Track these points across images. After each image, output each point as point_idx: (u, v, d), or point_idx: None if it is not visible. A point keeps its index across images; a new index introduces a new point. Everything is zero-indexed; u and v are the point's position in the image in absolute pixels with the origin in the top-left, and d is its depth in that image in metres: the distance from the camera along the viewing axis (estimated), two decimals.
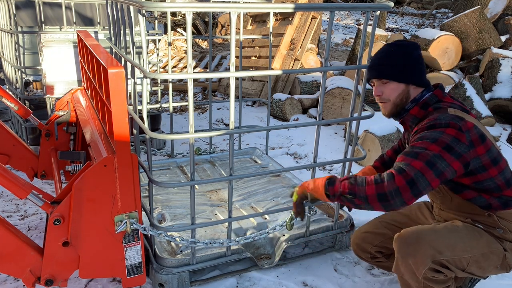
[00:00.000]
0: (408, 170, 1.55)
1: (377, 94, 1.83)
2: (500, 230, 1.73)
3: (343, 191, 1.64)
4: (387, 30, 10.87)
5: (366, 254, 2.11)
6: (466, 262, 1.69)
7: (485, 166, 1.67)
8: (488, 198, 1.72)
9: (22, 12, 3.90)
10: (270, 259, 2.30)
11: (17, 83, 3.52)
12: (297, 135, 4.53)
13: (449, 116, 1.65)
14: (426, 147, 1.59)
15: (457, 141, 1.59)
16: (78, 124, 2.52)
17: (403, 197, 1.53)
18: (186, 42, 1.77)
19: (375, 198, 1.56)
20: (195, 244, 2.01)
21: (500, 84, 4.56)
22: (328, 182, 1.71)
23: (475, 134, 1.64)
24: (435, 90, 1.80)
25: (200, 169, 3.31)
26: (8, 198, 3.03)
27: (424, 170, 1.55)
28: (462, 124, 1.62)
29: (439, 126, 1.63)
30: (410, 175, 1.53)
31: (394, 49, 1.79)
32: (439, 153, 1.57)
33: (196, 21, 9.38)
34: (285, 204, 2.71)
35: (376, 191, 1.56)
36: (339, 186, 1.66)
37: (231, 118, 1.90)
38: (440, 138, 1.59)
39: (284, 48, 5.55)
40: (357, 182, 1.62)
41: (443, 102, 1.76)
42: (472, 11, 5.09)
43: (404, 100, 1.81)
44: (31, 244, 1.71)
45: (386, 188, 1.54)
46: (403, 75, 1.78)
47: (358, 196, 1.60)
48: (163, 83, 4.48)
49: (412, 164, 1.56)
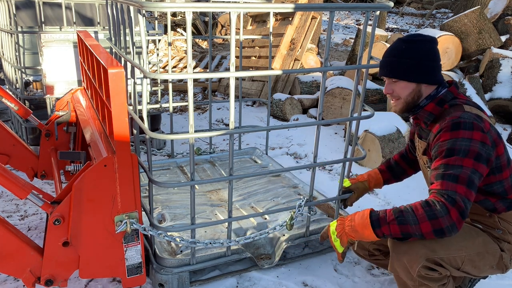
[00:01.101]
0: (458, 200, 1.52)
1: (388, 92, 1.81)
2: (499, 231, 1.73)
3: (395, 234, 1.61)
4: (387, 30, 10.88)
5: (364, 252, 2.11)
6: (460, 260, 1.69)
7: (502, 167, 1.67)
8: (495, 202, 1.72)
9: (22, 12, 3.90)
10: (270, 259, 2.30)
11: (17, 83, 3.52)
12: (297, 135, 4.53)
13: (471, 115, 1.63)
14: (461, 164, 1.56)
15: (483, 144, 1.59)
16: (78, 124, 2.52)
17: (458, 228, 1.54)
18: (186, 42, 1.77)
19: (432, 234, 1.55)
20: (195, 244, 2.01)
21: (500, 84, 4.56)
22: (373, 225, 1.64)
23: (494, 133, 1.64)
24: (450, 87, 1.78)
25: (200, 169, 3.31)
26: (8, 198, 3.03)
27: (468, 194, 1.54)
28: (483, 125, 1.61)
29: (464, 127, 1.60)
30: (462, 206, 1.52)
31: (405, 46, 1.73)
32: (473, 167, 1.56)
33: (196, 21, 9.38)
34: (285, 204, 2.71)
35: (433, 227, 1.54)
36: (388, 229, 1.61)
37: (231, 118, 1.90)
38: (470, 149, 1.57)
39: (284, 48, 5.55)
40: (408, 220, 1.57)
41: (459, 99, 1.74)
42: (472, 11, 5.09)
43: (416, 98, 1.78)
44: (31, 244, 1.71)
45: (443, 224, 1.52)
46: (413, 74, 1.73)
47: (414, 235, 1.58)
48: (163, 83, 4.48)
49: (458, 191, 1.53)
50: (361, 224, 1.68)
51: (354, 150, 2.33)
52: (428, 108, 1.77)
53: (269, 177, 3.15)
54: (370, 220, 1.65)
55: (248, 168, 3.35)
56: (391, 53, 1.77)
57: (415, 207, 1.58)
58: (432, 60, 1.74)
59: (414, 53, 1.72)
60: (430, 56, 1.74)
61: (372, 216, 1.66)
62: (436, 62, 1.75)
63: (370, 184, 2.22)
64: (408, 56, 1.72)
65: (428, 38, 1.74)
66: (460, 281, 1.99)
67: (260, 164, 3.45)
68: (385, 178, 2.22)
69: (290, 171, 3.18)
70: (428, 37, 1.75)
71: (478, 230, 1.75)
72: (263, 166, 3.39)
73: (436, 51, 1.76)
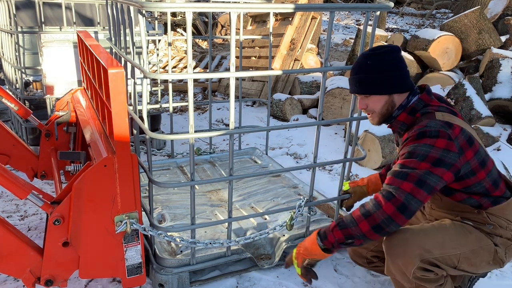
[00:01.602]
0: (398, 194, 1.57)
1: (362, 108, 1.83)
2: (490, 226, 1.74)
3: (339, 239, 1.67)
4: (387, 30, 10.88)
5: (362, 260, 2.11)
6: (456, 259, 1.69)
7: (474, 170, 1.68)
8: (478, 199, 1.73)
9: (22, 12, 3.90)
10: (270, 259, 2.30)
11: (17, 83, 3.52)
12: (297, 135, 4.53)
13: (439, 123, 1.64)
14: (415, 166, 1.59)
15: (447, 151, 1.60)
16: (78, 124, 2.52)
17: (397, 222, 1.58)
18: (186, 42, 1.77)
19: (372, 232, 1.60)
20: (195, 245, 2.01)
21: (500, 84, 4.56)
22: (319, 238, 1.73)
23: (463, 139, 1.64)
24: (421, 94, 1.78)
25: (200, 169, 3.31)
26: (8, 198, 3.03)
27: (414, 192, 1.57)
28: (450, 132, 1.62)
29: (429, 135, 1.62)
30: (400, 200, 1.56)
31: (369, 61, 1.73)
32: (429, 170, 1.58)
33: (196, 21, 9.38)
34: (285, 204, 2.71)
35: (370, 225, 1.59)
36: (333, 237, 1.68)
37: (231, 118, 1.90)
38: (429, 154, 1.59)
39: (284, 48, 5.55)
40: (348, 224, 1.65)
41: (431, 106, 1.74)
42: (472, 11, 5.09)
43: (390, 109, 1.79)
44: (31, 244, 1.71)
45: (378, 219, 1.58)
46: (382, 87, 1.75)
47: (357, 237, 1.63)
48: (163, 83, 4.48)
49: (401, 187, 1.58)
50: (310, 241, 1.77)
51: (354, 150, 2.33)
52: (400, 118, 1.79)
53: (269, 177, 3.15)
54: (318, 235, 1.74)
55: (248, 168, 3.35)
56: (358, 70, 1.78)
57: (353, 212, 1.67)
58: (398, 69, 1.74)
59: (379, 66, 1.72)
60: (396, 65, 1.74)
61: (320, 231, 1.75)
62: (403, 70, 1.76)
63: (368, 189, 2.22)
64: (375, 70, 1.73)
65: (390, 48, 1.75)
66: (460, 281, 2.00)
67: (260, 164, 3.45)
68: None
69: (290, 171, 3.18)
70: (389, 46, 1.76)
71: (469, 227, 1.76)
72: (263, 166, 3.39)
73: (401, 59, 1.76)
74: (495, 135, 4.03)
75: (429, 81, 5.01)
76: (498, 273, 2.35)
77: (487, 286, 2.22)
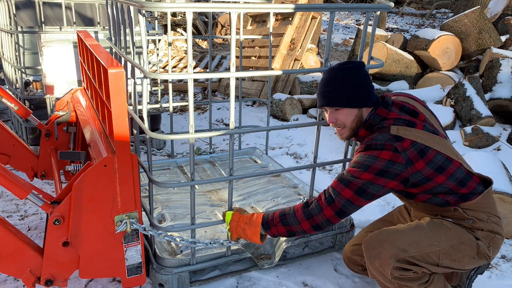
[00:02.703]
0: (337, 200, 1.70)
1: (332, 121, 1.84)
2: (469, 221, 1.75)
3: (282, 233, 1.84)
4: (387, 30, 10.88)
5: (357, 267, 2.13)
6: (435, 256, 1.70)
7: (429, 176, 1.70)
8: (443, 196, 1.74)
9: (22, 12, 3.90)
10: (270, 259, 2.30)
11: (17, 83, 3.52)
12: (297, 135, 4.53)
13: (386, 136, 1.67)
14: (358, 176, 1.67)
15: (392, 163, 1.64)
16: (78, 124, 2.52)
17: (333, 222, 1.75)
18: (186, 42, 1.77)
19: (312, 230, 1.78)
20: (195, 244, 2.01)
21: (500, 84, 4.56)
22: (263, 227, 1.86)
23: (412, 151, 1.66)
24: (377, 109, 1.79)
25: (200, 169, 3.31)
26: (8, 198, 3.03)
27: (353, 199, 1.69)
28: (397, 145, 1.65)
29: (375, 147, 1.67)
30: (338, 206, 1.70)
31: (342, 75, 1.77)
32: (371, 180, 1.66)
33: (196, 21, 9.37)
34: (285, 204, 2.71)
35: (311, 224, 1.76)
36: (276, 230, 1.84)
37: (231, 118, 1.90)
38: (372, 165, 1.65)
39: (284, 48, 5.55)
40: (291, 222, 1.80)
41: (387, 120, 1.76)
42: (472, 11, 5.09)
43: (359, 123, 1.83)
44: (31, 244, 1.71)
45: (318, 220, 1.74)
46: (353, 100, 1.78)
47: (298, 233, 1.82)
48: (163, 83, 4.48)
49: (342, 193, 1.69)
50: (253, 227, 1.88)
51: (354, 150, 2.33)
52: (361, 134, 1.84)
53: (269, 177, 3.15)
54: (262, 221, 1.86)
55: (248, 168, 3.35)
56: (330, 83, 1.80)
57: (296, 210, 1.81)
58: (367, 85, 1.80)
59: (351, 80, 1.77)
60: (365, 81, 1.79)
61: (263, 219, 1.87)
62: (369, 86, 1.81)
63: None
64: (346, 84, 1.77)
65: (357, 64, 1.80)
66: (458, 280, 2.00)
67: (260, 164, 3.45)
68: None
69: (290, 171, 3.18)
70: (356, 62, 1.81)
71: (449, 223, 1.77)
72: (263, 166, 3.39)
73: (368, 74, 1.82)
74: (495, 135, 4.03)
75: (429, 81, 5.01)
76: (498, 273, 2.35)
77: (487, 286, 2.22)
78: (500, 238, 1.77)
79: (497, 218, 1.77)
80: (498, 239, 1.76)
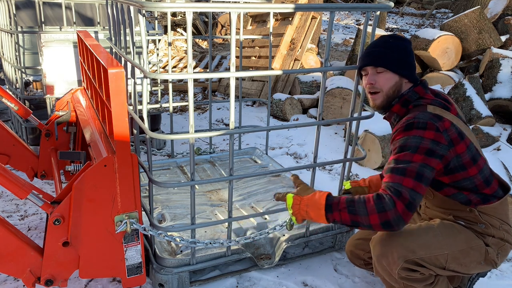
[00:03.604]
0: (404, 192, 1.54)
1: (370, 82, 1.80)
2: (481, 225, 1.73)
3: (345, 221, 1.62)
4: (387, 30, 10.87)
5: (360, 261, 2.11)
6: (443, 259, 1.68)
7: (465, 165, 1.67)
8: (468, 194, 1.72)
9: (22, 12, 3.90)
10: (270, 259, 2.30)
11: (17, 83, 3.52)
12: (297, 135, 4.53)
13: (427, 115, 1.64)
14: (409, 159, 1.58)
15: (436, 143, 1.60)
16: (78, 124, 2.52)
17: (405, 220, 1.54)
18: (186, 42, 1.77)
19: (380, 227, 1.56)
20: (195, 244, 2.01)
21: (500, 84, 4.56)
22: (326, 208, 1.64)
23: (453, 132, 1.64)
24: (415, 87, 1.78)
25: (200, 169, 3.31)
26: (8, 198, 3.03)
27: (416, 187, 1.55)
28: (439, 125, 1.61)
29: (417, 126, 1.61)
30: (407, 198, 1.53)
31: (392, 40, 1.79)
32: (423, 162, 1.57)
33: (196, 21, 9.37)
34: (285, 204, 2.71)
35: (380, 220, 1.55)
36: (338, 215, 1.62)
37: (231, 118, 1.90)
38: (420, 145, 1.59)
39: (284, 48, 5.55)
40: (358, 211, 1.58)
41: (424, 99, 1.74)
42: (472, 11, 5.09)
43: (396, 93, 1.78)
44: (31, 244, 1.71)
45: (390, 217, 1.53)
46: (399, 66, 1.76)
47: (362, 225, 1.59)
48: (163, 83, 4.48)
49: (404, 183, 1.55)
50: (316, 209, 1.67)
51: (354, 150, 2.33)
52: (394, 109, 1.80)
53: (269, 177, 3.15)
54: (325, 203, 1.65)
55: (248, 168, 3.35)
56: (377, 44, 1.80)
57: (367, 199, 1.59)
58: (413, 58, 1.82)
59: (400, 47, 1.78)
60: (412, 54, 1.81)
61: (328, 200, 1.65)
62: (415, 62, 1.82)
63: (370, 191, 2.21)
64: (395, 49, 1.77)
65: (406, 38, 1.83)
66: (459, 281, 1.99)
67: (260, 164, 3.45)
68: None
69: (290, 171, 3.18)
70: (405, 38, 1.83)
71: (460, 227, 1.75)
72: (263, 166, 3.39)
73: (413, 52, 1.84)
74: (495, 135, 4.03)
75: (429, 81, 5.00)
76: (498, 273, 2.35)
77: (487, 286, 2.22)
78: (509, 247, 1.75)
79: (509, 226, 1.75)
80: (507, 247, 1.74)
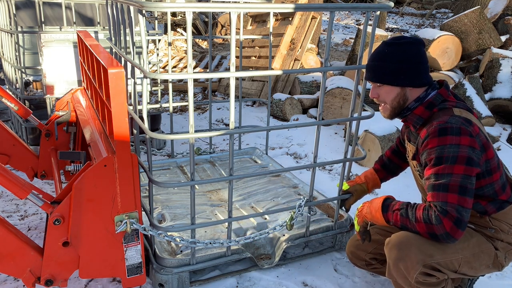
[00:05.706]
0: (450, 210, 1.54)
1: (374, 96, 1.80)
2: (491, 230, 1.73)
3: (395, 222, 1.71)
4: (387, 30, 10.87)
5: (361, 262, 2.11)
6: (457, 263, 1.68)
7: (492, 170, 1.66)
8: (485, 204, 1.71)
9: (22, 12, 3.90)
10: (270, 259, 2.30)
11: (17, 83, 3.52)
12: (297, 135, 4.53)
13: (459, 120, 1.60)
14: (451, 172, 1.56)
15: (473, 149, 1.57)
16: (78, 124, 2.52)
17: (455, 237, 1.57)
18: (186, 42, 1.77)
19: (427, 235, 1.62)
20: (195, 244, 2.01)
21: (500, 84, 4.56)
22: (383, 208, 1.75)
23: (483, 137, 1.63)
24: (440, 89, 1.74)
25: (200, 169, 3.31)
26: (8, 198, 3.03)
27: (462, 202, 1.55)
28: (471, 130, 1.59)
29: (451, 132, 1.58)
30: (454, 216, 1.54)
31: (388, 50, 1.70)
32: (465, 173, 1.55)
33: (196, 21, 9.37)
34: (285, 204, 2.71)
35: (427, 230, 1.60)
36: (392, 216, 1.72)
37: (231, 118, 1.90)
38: (459, 155, 1.55)
39: (284, 48, 5.55)
40: (409, 217, 1.65)
41: (449, 102, 1.70)
42: (472, 11, 5.09)
43: (402, 103, 1.76)
44: (31, 244, 1.71)
45: (437, 231, 1.57)
46: (396, 78, 1.71)
47: (410, 230, 1.67)
48: (163, 83, 4.48)
49: (449, 201, 1.55)
50: (375, 207, 1.78)
51: (354, 150, 2.33)
52: (417, 112, 1.74)
53: (269, 177, 3.15)
54: (383, 204, 1.76)
55: (248, 168, 3.35)
56: (375, 57, 1.75)
57: (419, 206, 1.65)
58: (416, 62, 1.70)
59: (396, 56, 1.69)
60: (414, 58, 1.70)
61: (386, 201, 1.77)
62: (421, 64, 1.71)
63: (368, 186, 2.21)
64: (390, 60, 1.70)
65: (412, 40, 1.71)
66: (459, 281, 1.99)
67: (260, 164, 3.45)
68: (381, 176, 2.21)
69: (290, 171, 3.18)
70: (413, 39, 1.72)
71: (471, 230, 1.75)
72: (263, 166, 3.39)
73: (422, 52, 1.72)
74: (495, 135, 4.03)
75: None
76: (498, 273, 2.35)
77: (487, 286, 2.22)
78: None
79: None
80: None
